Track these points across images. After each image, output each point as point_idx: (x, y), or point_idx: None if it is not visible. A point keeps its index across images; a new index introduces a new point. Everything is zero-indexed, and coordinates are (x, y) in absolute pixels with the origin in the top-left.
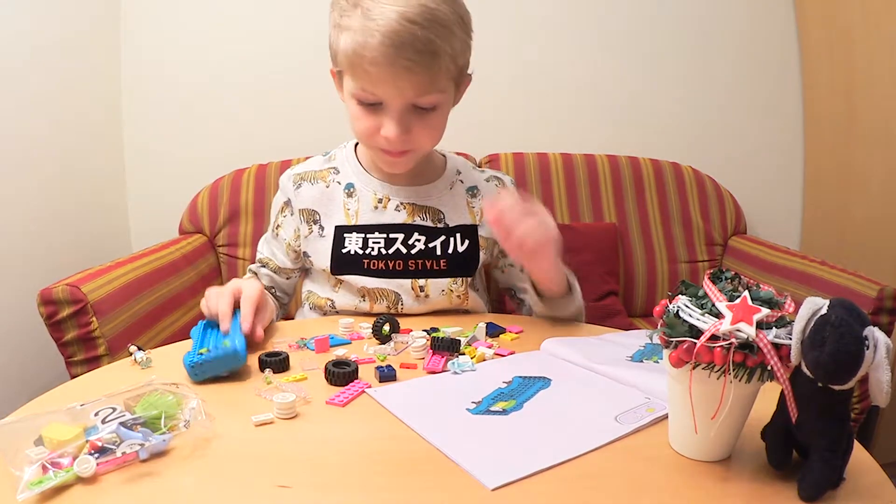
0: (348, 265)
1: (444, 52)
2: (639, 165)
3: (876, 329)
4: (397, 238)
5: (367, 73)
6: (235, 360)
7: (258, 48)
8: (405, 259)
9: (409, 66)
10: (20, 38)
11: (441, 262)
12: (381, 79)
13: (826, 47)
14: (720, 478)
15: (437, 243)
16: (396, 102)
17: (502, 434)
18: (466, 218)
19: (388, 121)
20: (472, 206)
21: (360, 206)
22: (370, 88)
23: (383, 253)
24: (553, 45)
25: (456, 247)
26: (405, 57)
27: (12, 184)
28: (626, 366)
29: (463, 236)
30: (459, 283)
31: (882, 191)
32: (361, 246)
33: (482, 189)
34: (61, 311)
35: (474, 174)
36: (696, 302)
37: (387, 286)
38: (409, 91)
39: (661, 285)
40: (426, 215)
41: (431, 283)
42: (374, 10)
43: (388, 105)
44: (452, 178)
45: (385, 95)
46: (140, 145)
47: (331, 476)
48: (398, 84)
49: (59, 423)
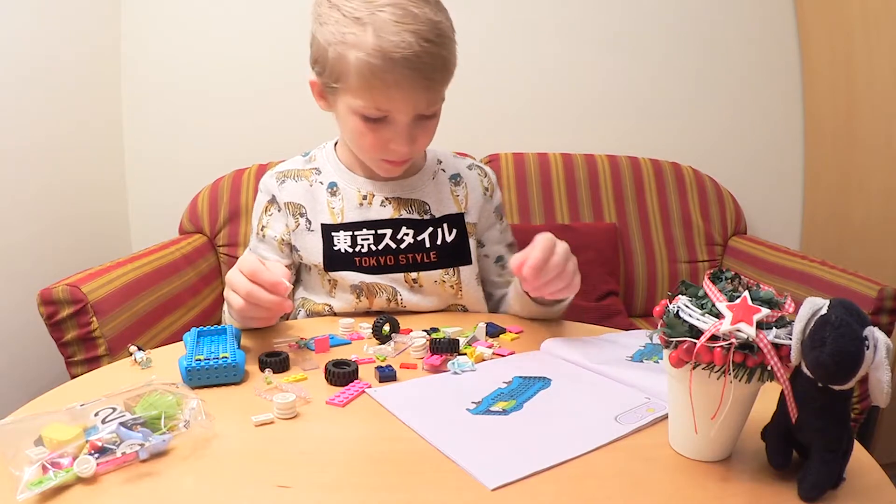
0: (341, 262)
1: (453, 65)
2: (639, 165)
3: (876, 329)
4: (385, 234)
5: (386, 93)
6: (233, 375)
7: (258, 48)
8: (395, 254)
9: (428, 85)
10: (21, 39)
11: (431, 254)
12: (399, 98)
13: (826, 47)
14: (720, 478)
15: (425, 235)
16: (408, 117)
17: (502, 434)
18: (452, 207)
19: (399, 136)
20: (457, 195)
21: (345, 204)
22: (385, 106)
23: (373, 249)
24: (553, 46)
25: (444, 237)
26: (425, 77)
27: (13, 183)
28: (626, 366)
29: (450, 226)
30: (452, 274)
31: (882, 191)
32: (350, 244)
33: (465, 177)
34: (61, 311)
35: (455, 161)
36: (696, 302)
37: (381, 281)
38: (422, 106)
39: (661, 285)
40: (412, 208)
41: (424, 276)
42: (388, 29)
43: (397, 119)
44: (434, 168)
45: (399, 112)
46: (140, 146)
47: (331, 476)
48: (414, 100)
49: (59, 423)
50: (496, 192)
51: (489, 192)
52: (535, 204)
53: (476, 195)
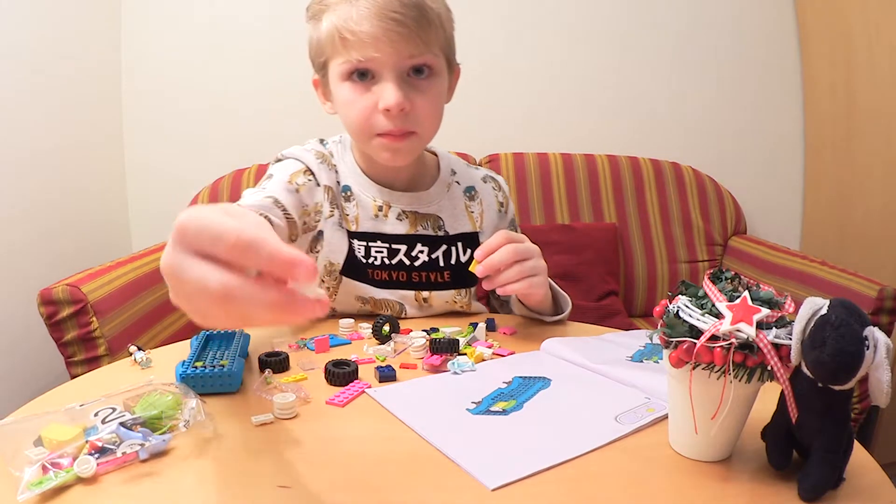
0: (354, 270)
1: (430, 9)
2: (639, 165)
3: (876, 329)
4: (400, 249)
5: (357, 37)
6: (229, 383)
7: (259, 48)
8: (409, 271)
9: (398, 19)
10: (21, 40)
11: (444, 273)
12: (372, 36)
13: (826, 47)
14: (720, 478)
15: (439, 254)
16: (392, 62)
17: (502, 434)
18: (466, 224)
19: (385, 89)
20: (472, 211)
21: (360, 212)
22: (360, 52)
23: (386, 263)
24: (553, 46)
25: (458, 257)
26: (392, 10)
27: (13, 184)
28: (626, 366)
29: (465, 245)
30: (463, 295)
31: (882, 191)
32: (364, 254)
33: (479, 190)
34: (61, 311)
35: (470, 172)
36: (696, 302)
37: (390, 297)
38: (402, 47)
39: (661, 285)
40: (427, 223)
41: (435, 295)
42: None
43: (383, 71)
44: (448, 179)
45: (379, 56)
46: (141, 146)
47: (331, 476)
48: (391, 38)
49: (59, 423)
50: (510, 205)
51: (504, 208)
52: (535, 204)
53: (491, 213)
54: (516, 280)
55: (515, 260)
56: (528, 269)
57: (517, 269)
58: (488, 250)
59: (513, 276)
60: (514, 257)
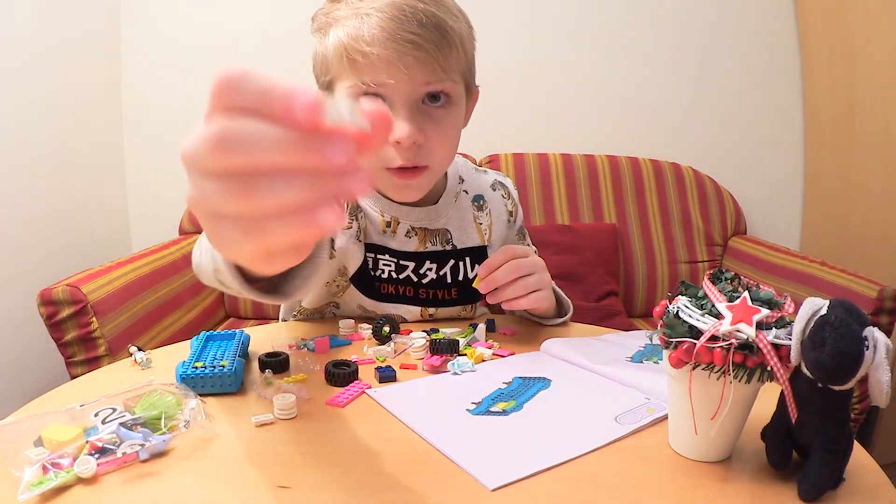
0: (363, 282)
1: (451, 30)
2: (639, 165)
3: (876, 329)
4: (408, 266)
5: (367, 58)
6: (229, 384)
7: (259, 48)
8: (416, 287)
9: (414, 41)
10: (21, 39)
11: (452, 290)
12: (384, 60)
13: (826, 47)
14: (720, 478)
15: (447, 269)
16: (406, 91)
17: (502, 434)
18: (474, 238)
19: (397, 120)
20: (480, 223)
21: (368, 225)
22: (371, 76)
23: (394, 277)
24: (553, 46)
25: (466, 273)
26: (408, 30)
27: (13, 184)
28: (625, 366)
29: (472, 260)
30: (469, 310)
31: (882, 191)
32: (373, 266)
33: (488, 200)
34: (61, 312)
35: (478, 179)
36: (695, 302)
37: (395, 311)
38: (418, 72)
39: (661, 286)
40: (436, 238)
41: (441, 311)
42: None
43: (395, 99)
44: (456, 188)
45: (392, 83)
46: (140, 146)
47: (331, 476)
48: (406, 63)
49: (59, 423)
50: (519, 212)
51: (513, 218)
52: (535, 204)
53: (500, 224)
54: (520, 296)
55: (518, 276)
56: (531, 285)
57: (521, 284)
58: (491, 268)
59: (516, 292)
60: (516, 273)
